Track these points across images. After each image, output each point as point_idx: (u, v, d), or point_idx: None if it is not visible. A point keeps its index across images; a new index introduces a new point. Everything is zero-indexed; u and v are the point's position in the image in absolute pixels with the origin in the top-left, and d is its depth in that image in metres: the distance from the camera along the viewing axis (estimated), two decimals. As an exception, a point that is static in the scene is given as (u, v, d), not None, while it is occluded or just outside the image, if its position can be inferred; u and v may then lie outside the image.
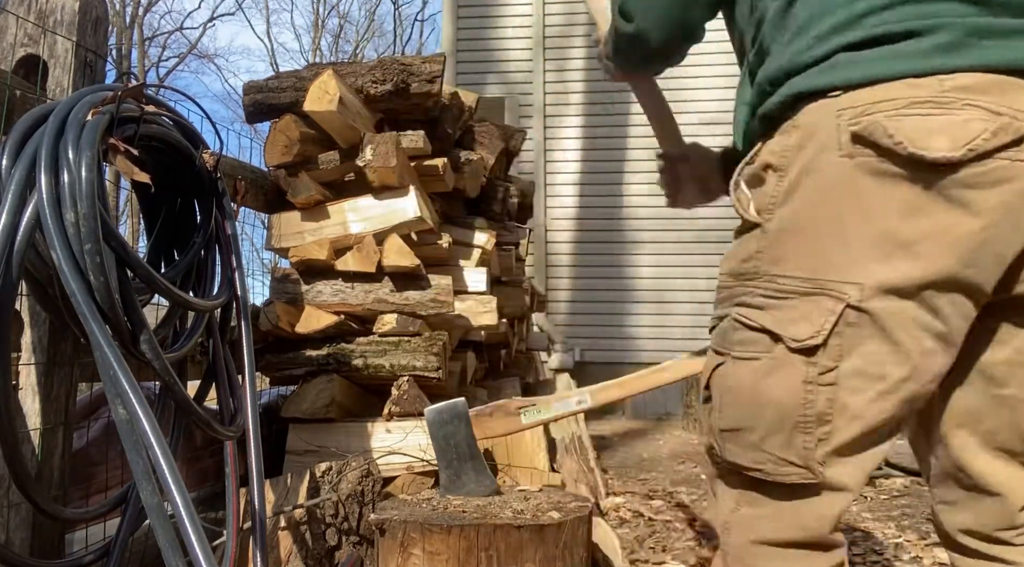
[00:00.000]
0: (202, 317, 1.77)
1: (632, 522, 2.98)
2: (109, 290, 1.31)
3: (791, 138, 0.96)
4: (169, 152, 1.72)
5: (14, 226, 1.28)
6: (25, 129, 1.38)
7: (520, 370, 3.80)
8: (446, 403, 1.68)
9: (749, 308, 1.01)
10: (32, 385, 1.55)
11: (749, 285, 1.01)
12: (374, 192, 2.38)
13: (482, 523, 1.41)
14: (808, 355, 0.95)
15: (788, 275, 0.96)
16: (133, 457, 1.19)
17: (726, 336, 1.04)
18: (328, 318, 2.37)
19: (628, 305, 6.97)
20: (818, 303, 0.94)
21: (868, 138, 0.89)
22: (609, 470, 4.07)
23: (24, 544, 1.49)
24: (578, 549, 1.48)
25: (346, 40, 25.96)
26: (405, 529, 1.42)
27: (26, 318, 1.55)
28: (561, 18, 7.35)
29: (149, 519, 1.21)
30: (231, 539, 1.59)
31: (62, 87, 1.68)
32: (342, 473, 1.91)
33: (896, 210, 0.89)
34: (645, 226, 6.99)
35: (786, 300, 0.96)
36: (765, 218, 0.99)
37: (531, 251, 6.45)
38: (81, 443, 1.83)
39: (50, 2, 1.69)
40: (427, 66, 2.35)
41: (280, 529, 1.82)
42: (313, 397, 2.31)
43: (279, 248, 2.45)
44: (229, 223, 1.88)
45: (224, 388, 1.79)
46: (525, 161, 6.95)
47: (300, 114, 2.33)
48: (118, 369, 1.23)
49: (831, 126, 0.92)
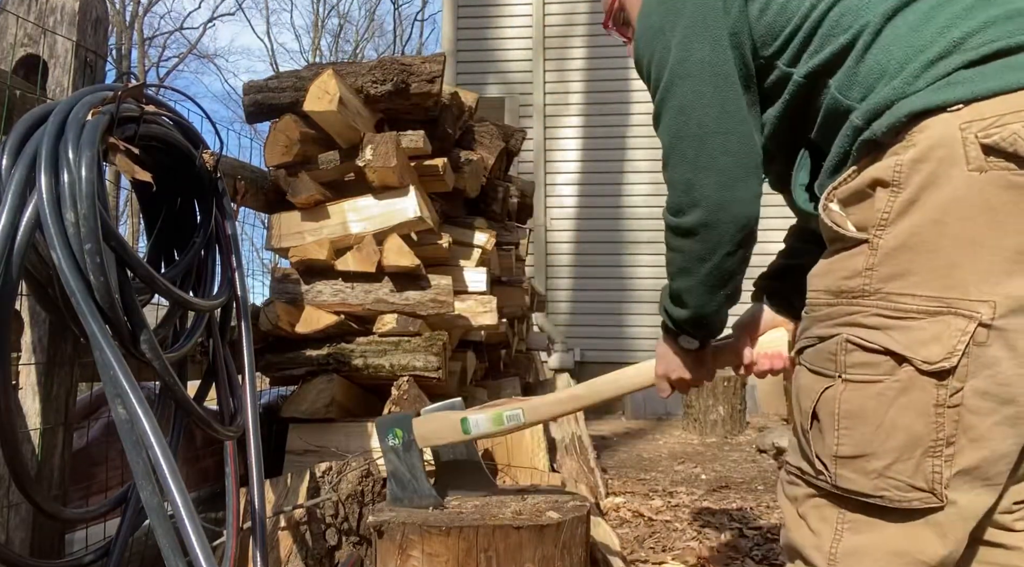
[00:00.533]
0: (202, 317, 1.77)
1: (632, 522, 2.98)
2: (109, 290, 1.31)
3: (906, 154, 0.93)
4: (169, 152, 1.72)
5: (14, 226, 1.28)
6: (25, 129, 1.38)
7: (520, 370, 3.80)
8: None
9: (864, 329, 0.96)
10: (32, 385, 1.55)
11: (859, 304, 0.97)
12: (374, 192, 2.38)
13: (481, 524, 1.40)
14: (940, 378, 0.91)
15: (911, 293, 0.93)
16: (133, 457, 1.19)
17: (836, 358, 0.99)
18: (328, 318, 2.37)
19: (628, 305, 6.97)
20: (948, 323, 0.90)
21: (1007, 149, 0.87)
22: (609, 470, 4.07)
23: (24, 544, 1.49)
24: (577, 549, 1.48)
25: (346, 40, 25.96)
26: (404, 531, 1.42)
27: (26, 318, 1.55)
28: (561, 18, 7.35)
29: (149, 519, 1.21)
30: (231, 539, 1.59)
31: (62, 87, 1.68)
32: (342, 473, 1.91)
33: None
34: (645, 226, 6.99)
35: (911, 320, 0.93)
36: (875, 234, 0.95)
37: (531, 251, 6.45)
38: (81, 443, 1.83)
39: (50, 2, 1.69)
40: (427, 66, 2.35)
41: (280, 529, 1.82)
42: (313, 397, 2.31)
43: (279, 248, 2.45)
44: (229, 223, 1.88)
45: (224, 388, 1.79)
46: (525, 161, 6.95)
47: (300, 114, 2.33)
48: (118, 369, 1.23)
49: (955, 140, 0.89)
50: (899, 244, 0.93)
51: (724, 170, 1.11)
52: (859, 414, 0.97)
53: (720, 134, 1.11)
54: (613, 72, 7.15)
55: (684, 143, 1.14)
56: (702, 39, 1.11)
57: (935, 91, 0.92)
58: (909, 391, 0.93)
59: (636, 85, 7.09)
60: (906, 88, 0.94)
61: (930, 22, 0.95)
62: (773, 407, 6.33)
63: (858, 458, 0.97)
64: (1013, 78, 0.88)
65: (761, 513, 3.13)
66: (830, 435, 0.99)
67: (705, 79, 1.12)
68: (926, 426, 0.92)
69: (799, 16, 1.06)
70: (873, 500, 0.96)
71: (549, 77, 7.28)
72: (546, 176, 7.15)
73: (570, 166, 7.22)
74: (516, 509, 1.51)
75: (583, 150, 7.22)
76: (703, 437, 5.23)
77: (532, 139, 6.92)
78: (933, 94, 0.92)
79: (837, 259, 1.01)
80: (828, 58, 1.04)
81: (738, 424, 5.35)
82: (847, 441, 0.98)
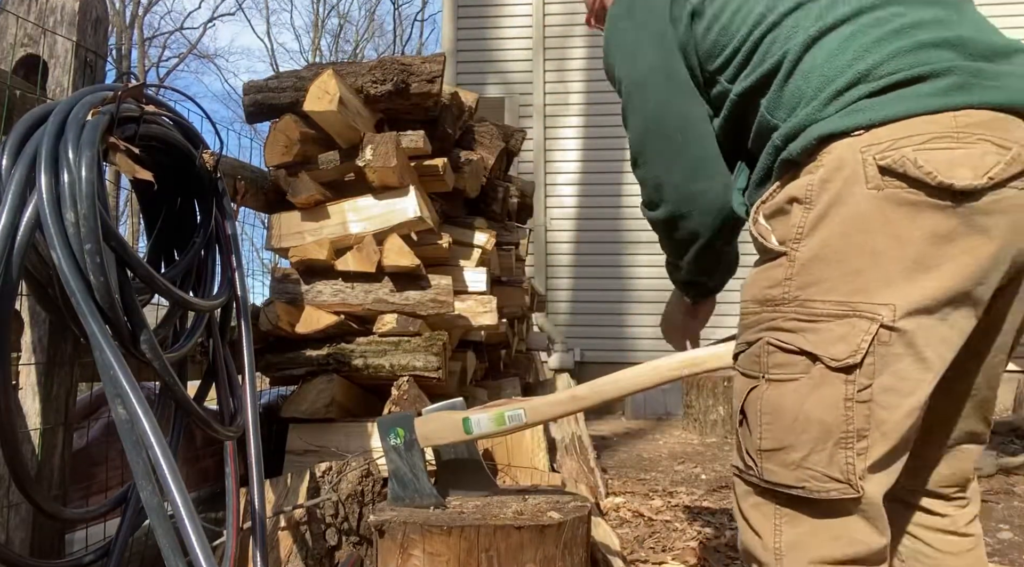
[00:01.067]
0: (202, 317, 1.77)
1: (632, 522, 2.98)
2: (109, 290, 1.31)
3: (816, 174, 1.03)
4: (169, 152, 1.72)
5: (14, 226, 1.28)
6: (25, 129, 1.38)
7: (520, 370, 3.80)
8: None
9: (783, 332, 1.05)
10: (32, 385, 1.55)
11: (779, 310, 1.06)
12: (374, 192, 2.37)
13: (482, 524, 1.40)
14: (847, 373, 1.00)
15: (821, 299, 1.02)
16: (133, 457, 1.19)
17: (760, 360, 1.08)
18: (328, 318, 2.37)
19: (628, 305, 6.97)
20: (853, 325, 1.00)
21: (898, 170, 0.97)
22: (609, 470, 4.07)
23: (24, 544, 1.49)
24: (578, 549, 1.48)
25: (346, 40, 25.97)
26: (405, 530, 1.42)
27: (26, 318, 1.55)
28: (561, 18, 7.35)
29: (149, 519, 1.21)
30: (231, 539, 1.59)
31: (62, 87, 1.67)
32: (342, 473, 1.91)
33: (923, 236, 0.97)
34: (645, 226, 6.92)
35: (820, 323, 1.02)
36: (791, 247, 1.05)
37: (531, 251, 6.45)
38: (81, 443, 1.82)
39: (50, 2, 1.69)
40: (427, 66, 2.34)
41: (280, 529, 1.82)
42: (313, 397, 2.31)
43: (279, 248, 2.45)
44: (229, 223, 1.88)
45: (224, 388, 1.79)
46: (525, 161, 6.95)
47: (300, 114, 2.33)
48: (118, 369, 1.23)
49: (856, 161, 0.99)
50: (812, 255, 1.03)
51: (688, 165, 1.22)
52: (778, 409, 1.05)
53: (680, 132, 1.22)
54: (613, 72, 7.15)
55: (649, 143, 1.25)
56: (657, 49, 1.23)
57: (841, 118, 1.02)
58: (821, 387, 1.02)
59: (636, 85, 7.09)
60: (817, 114, 1.04)
61: (843, 53, 1.05)
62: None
63: (779, 451, 1.05)
64: (905, 107, 0.99)
65: (761, 513, 3.13)
66: (755, 430, 1.08)
67: (661, 85, 1.23)
68: (836, 418, 1.01)
69: (738, 38, 1.16)
70: (796, 492, 1.04)
71: (549, 77, 7.28)
72: (546, 176, 7.15)
73: (570, 166, 7.22)
74: (517, 509, 1.51)
75: (583, 150, 7.22)
76: (703, 437, 5.23)
77: (532, 139, 6.92)
78: (839, 120, 1.02)
79: (763, 270, 1.10)
80: (758, 79, 1.13)
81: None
82: (768, 435, 1.06)
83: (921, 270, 0.98)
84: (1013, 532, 2.88)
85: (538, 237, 7.03)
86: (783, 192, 1.07)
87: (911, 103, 0.99)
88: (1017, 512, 3.16)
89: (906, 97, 1.00)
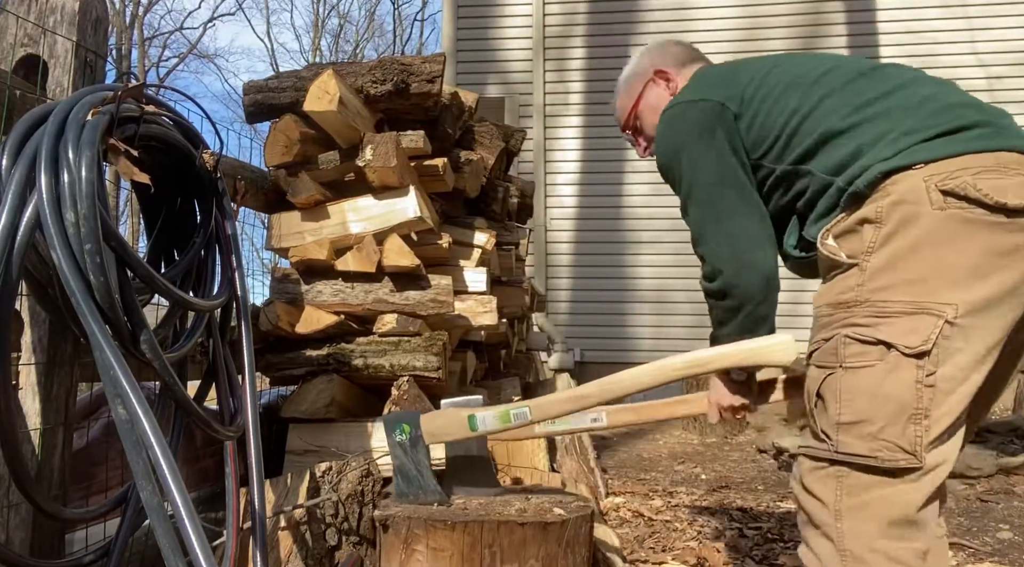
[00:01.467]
0: (202, 317, 1.76)
1: (632, 522, 2.98)
2: (109, 290, 1.31)
3: (885, 200, 1.26)
4: (169, 152, 1.72)
5: (14, 226, 1.28)
6: (25, 129, 1.38)
7: (520, 370, 3.80)
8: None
9: (859, 327, 1.25)
10: (32, 385, 1.55)
11: (852, 310, 1.27)
12: (374, 192, 2.37)
13: (486, 519, 1.40)
14: (919, 359, 1.20)
15: (893, 299, 1.23)
16: (133, 457, 1.19)
17: (837, 352, 1.28)
18: (328, 318, 2.37)
19: (628, 305, 6.96)
20: (922, 319, 1.21)
21: (960, 193, 1.21)
22: (609, 470, 4.07)
23: (24, 544, 1.49)
24: (580, 548, 1.48)
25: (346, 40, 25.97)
26: (409, 525, 1.42)
27: (26, 318, 1.55)
28: (561, 18, 7.35)
29: (149, 519, 1.21)
30: (231, 539, 1.59)
31: (62, 87, 1.67)
32: (342, 473, 1.90)
33: (980, 249, 1.21)
34: (645, 226, 6.99)
35: (894, 318, 1.22)
36: (863, 259, 1.27)
37: (531, 251, 6.45)
38: (81, 443, 1.82)
39: (50, 2, 1.69)
40: (427, 66, 2.34)
41: (280, 529, 1.82)
42: (313, 397, 2.31)
43: (279, 248, 2.45)
44: (229, 223, 1.88)
45: (224, 388, 1.79)
46: (525, 161, 6.94)
47: (300, 114, 2.33)
48: (118, 369, 1.23)
49: (920, 188, 1.24)
50: (883, 264, 1.25)
51: (738, 243, 1.45)
52: (857, 389, 1.25)
53: (732, 218, 1.46)
54: (613, 72, 7.12)
55: (706, 226, 1.49)
56: (710, 150, 1.49)
57: (901, 158, 1.27)
58: (896, 370, 1.22)
59: (636, 85, 7.08)
60: (876, 158, 1.30)
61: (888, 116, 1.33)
62: (773, 407, 6.32)
63: (857, 424, 1.24)
64: (954, 148, 1.26)
65: (761, 513, 3.13)
66: (832, 407, 1.27)
67: (716, 180, 1.48)
68: (910, 397, 1.21)
69: (776, 128, 1.44)
70: (868, 460, 1.23)
71: (549, 77, 7.27)
72: (546, 176, 7.15)
73: (570, 166, 7.21)
74: (521, 507, 1.51)
75: (583, 150, 7.22)
76: (703, 437, 5.23)
77: (532, 139, 6.91)
78: (900, 159, 1.27)
79: (835, 281, 1.32)
80: (803, 153, 1.40)
81: (738, 424, 5.34)
82: (847, 410, 1.25)
83: (979, 276, 1.20)
84: (1013, 532, 2.88)
85: (538, 237, 7.02)
86: (852, 217, 1.30)
87: (959, 145, 1.26)
88: (1017, 512, 3.16)
89: (954, 141, 1.26)
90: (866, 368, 1.24)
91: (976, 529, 2.89)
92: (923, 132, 1.29)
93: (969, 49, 6.72)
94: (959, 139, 1.27)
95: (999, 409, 5.51)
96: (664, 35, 7.04)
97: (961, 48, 6.73)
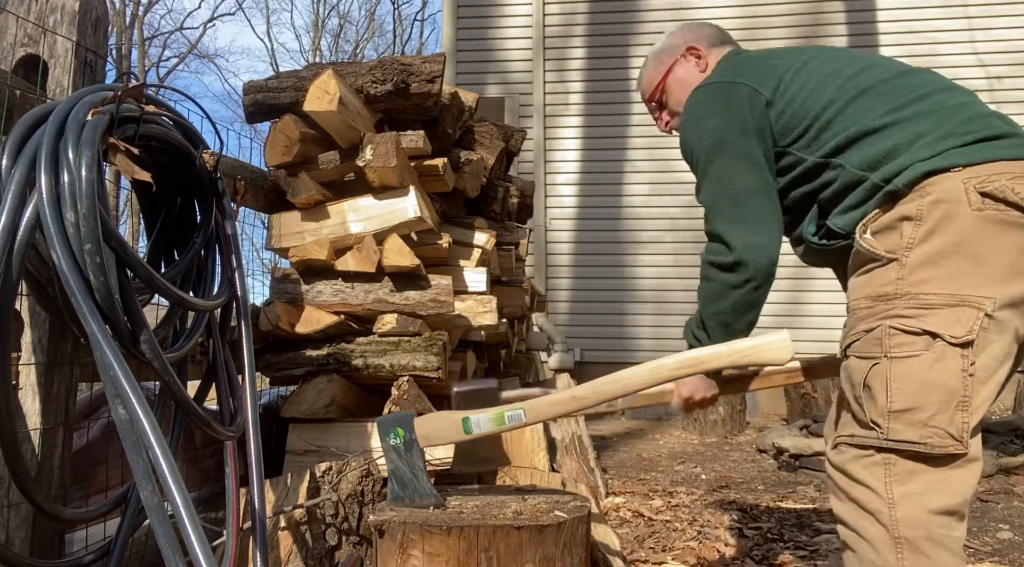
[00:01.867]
0: (202, 317, 1.77)
1: (632, 522, 2.98)
2: (109, 290, 1.31)
3: (925, 199, 1.32)
4: (169, 152, 1.72)
5: (14, 226, 1.28)
6: (25, 129, 1.38)
7: (520, 370, 3.80)
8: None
9: (903, 318, 1.30)
10: (32, 385, 1.55)
11: (893, 303, 1.31)
12: (374, 192, 2.37)
13: (482, 524, 1.40)
14: (963, 349, 1.26)
15: (934, 292, 1.28)
16: (133, 457, 1.19)
17: (881, 342, 1.31)
18: (328, 318, 2.37)
19: (628, 305, 6.96)
20: (964, 311, 1.26)
21: (998, 195, 1.28)
22: (609, 470, 4.07)
23: (24, 544, 1.49)
24: (577, 549, 1.48)
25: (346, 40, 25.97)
26: (404, 530, 1.41)
27: (26, 318, 1.55)
28: (561, 18, 7.35)
29: (149, 519, 1.21)
30: (231, 539, 1.59)
31: (62, 87, 1.68)
32: (342, 473, 1.91)
33: (1016, 248, 1.28)
34: (645, 226, 6.99)
35: (937, 310, 1.28)
36: (903, 254, 1.32)
37: (531, 251, 6.45)
38: (81, 443, 1.82)
39: (50, 2, 1.69)
40: (427, 66, 2.34)
41: (280, 529, 1.82)
42: (313, 397, 2.31)
43: (279, 248, 2.45)
44: (229, 223, 1.88)
45: (224, 388, 1.79)
46: (525, 161, 6.94)
47: (300, 114, 2.33)
48: (118, 369, 1.23)
49: (959, 189, 1.30)
50: (923, 259, 1.30)
51: (752, 224, 1.49)
52: (907, 377, 1.28)
53: (749, 199, 1.50)
54: (613, 72, 7.15)
55: (721, 204, 1.52)
56: (736, 132, 1.51)
57: (940, 160, 1.33)
58: (943, 360, 1.26)
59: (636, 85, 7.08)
60: (915, 158, 1.35)
61: (925, 119, 1.39)
62: (773, 407, 6.33)
63: (908, 411, 1.27)
64: (991, 154, 1.32)
65: (761, 513, 3.13)
66: (881, 396, 1.30)
67: (738, 160, 1.51)
68: (957, 385, 1.26)
69: (809, 118, 1.47)
70: (918, 447, 1.27)
71: (549, 77, 7.27)
72: (546, 176, 7.15)
73: (570, 166, 7.21)
74: (517, 509, 1.51)
75: (583, 150, 7.22)
76: (703, 437, 5.23)
77: (532, 139, 6.91)
78: (939, 161, 1.33)
79: (873, 274, 1.36)
80: (836, 146, 1.44)
81: (738, 424, 5.34)
82: (898, 398, 1.28)
83: (1015, 274, 1.27)
84: (1013, 532, 2.88)
85: (538, 237, 7.02)
86: (890, 214, 1.35)
87: (996, 152, 1.32)
88: (1017, 512, 3.16)
89: (990, 148, 1.33)
90: (913, 358, 1.28)
91: (976, 529, 2.89)
92: (960, 137, 1.35)
93: (969, 49, 6.72)
94: (993, 146, 1.34)
95: (999, 409, 5.52)
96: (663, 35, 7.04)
97: (961, 48, 6.73)
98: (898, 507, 1.28)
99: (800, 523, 2.96)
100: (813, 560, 2.49)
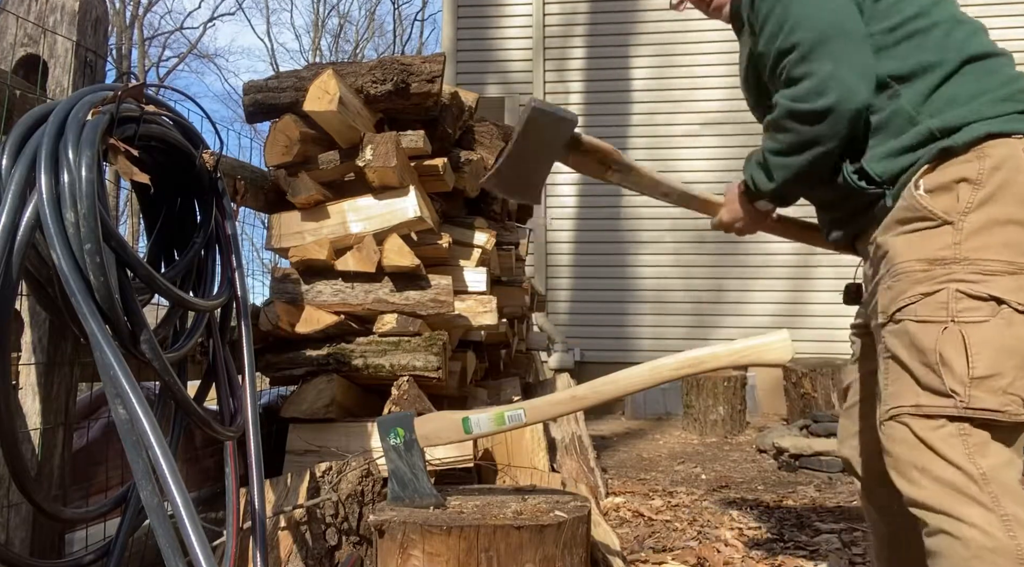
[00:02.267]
0: (202, 317, 1.77)
1: (632, 522, 2.98)
2: (109, 290, 1.31)
3: (986, 162, 1.29)
4: (169, 152, 1.72)
5: (14, 226, 1.28)
6: (25, 129, 1.38)
7: (520, 370, 3.80)
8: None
9: (968, 283, 1.27)
10: (32, 385, 1.55)
11: (952, 268, 1.28)
12: (374, 192, 2.37)
13: (482, 524, 1.40)
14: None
15: (993, 258, 1.26)
16: (133, 457, 1.19)
17: (947, 306, 1.27)
18: (328, 318, 2.37)
19: (628, 305, 6.96)
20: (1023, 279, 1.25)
21: None
22: (609, 470, 4.07)
23: (24, 544, 1.49)
24: (577, 549, 1.48)
25: (346, 40, 25.96)
26: (404, 530, 1.42)
27: (26, 318, 1.55)
28: (561, 18, 7.34)
29: (149, 519, 1.21)
30: (231, 539, 1.59)
31: (62, 87, 1.68)
32: (342, 473, 1.91)
33: None
34: (645, 226, 6.99)
35: (999, 276, 1.25)
36: (960, 217, 1.29)
37: (531, 251, 6.44)
38: (81, 443, 1.82)
39: (50, 2, 1.69)
40: (427, 66, 2.34)
41: (280, 529, 1.82)
42: (313, 397, 2.31)
43: (279, 248, 2.45)
44: (229, 223, 1.88)
45: (224, 388, 1.79)
46: (525, 161, 6.93)
47: (300, 114, 2.33)
48: (118, 369, 1.23)
49: (1019, 157, 1.29)
50: (980, 225, 1.27)
51: (859, 67, 1.36)
52: (985, 342, 1.24)
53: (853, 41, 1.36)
54: (613, 72, 7.15)
55: (832, 42, 1.36)
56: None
57: (1004, 122, 1.30)
58: (1012, 325, 1.25)
59: (636, 85, 7.10)
60: (978, 115, 1.31)
61: (993, 75, 1.35)
62: (773, 407, 6.33)
63: (990, 377, 1.23)
64: None
65: (761, 513, 3.13)
66: (958, 362, 1.25)
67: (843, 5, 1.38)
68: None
69: (900, 17, 1.39)
70: (996, 415, 1.23)
71: (549, 77, 7.27)
72: (546, 176, 7.14)
73: (570, 166, 7.21)
74: (517, 509, 1.51)
75: (583, 150, 7.21)
76: (703, 437, 5.23)
77: (532, 139, 6.90)
78: (1003, 124, 1.30)
79: (924, 235, 1.32)
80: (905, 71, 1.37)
81: (738, 424, 5.35)
82: (980, 363, 1.24)
83: None
84: None
85: (538, 237, 7.02)
86: (946, 172, 1.31)
87: None
88: None
89: None
90: (983, 323, 1.25)
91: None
92: (1018, 103, 1.32)
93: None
94: None
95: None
96: (663, 35, 7.05)
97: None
98: (991, 482, 1.22)
99: (800, 523, 2.96)
100: (813, 560, 2.49)
